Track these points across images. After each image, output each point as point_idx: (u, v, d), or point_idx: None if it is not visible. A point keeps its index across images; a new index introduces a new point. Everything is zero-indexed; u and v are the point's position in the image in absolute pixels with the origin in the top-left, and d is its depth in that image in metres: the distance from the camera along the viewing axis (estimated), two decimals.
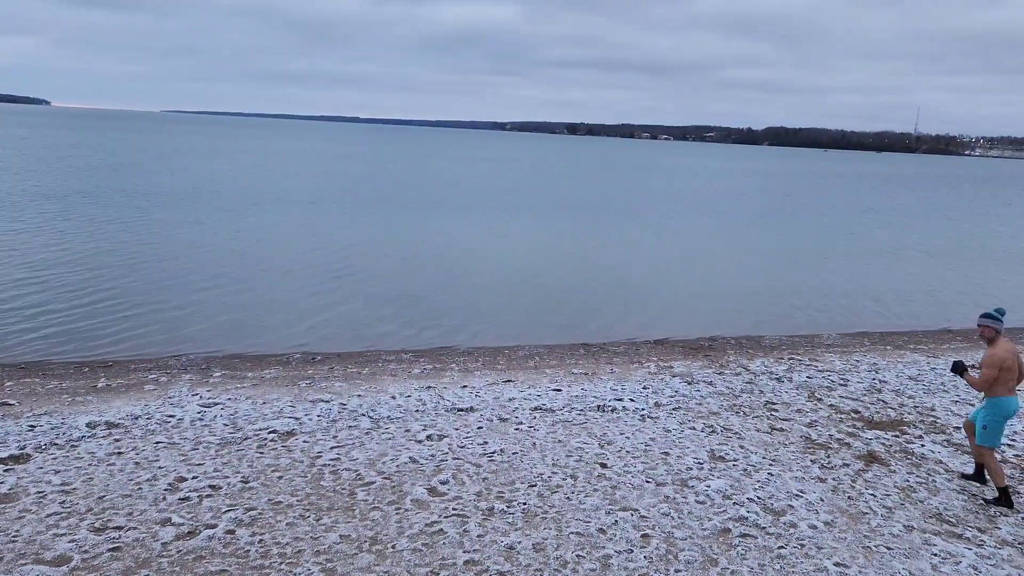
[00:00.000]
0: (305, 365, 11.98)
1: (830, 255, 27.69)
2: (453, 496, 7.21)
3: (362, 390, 10.48)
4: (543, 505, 7.10)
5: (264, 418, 9.07)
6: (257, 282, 17.95)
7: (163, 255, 20.36)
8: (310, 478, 7.47)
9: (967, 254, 30.04)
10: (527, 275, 20.96)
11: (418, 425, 9.07)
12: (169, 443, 8.18)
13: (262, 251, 21.93)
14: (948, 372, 12.59)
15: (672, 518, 6.97)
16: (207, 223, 26.46)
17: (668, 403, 10.34)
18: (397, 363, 12.28)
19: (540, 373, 11.85)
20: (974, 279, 24.18)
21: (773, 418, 9.91)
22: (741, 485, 7.72)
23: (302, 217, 29.77)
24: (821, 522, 7.03)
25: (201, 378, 10.88)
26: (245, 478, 7.37)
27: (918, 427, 9.81)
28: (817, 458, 8.58)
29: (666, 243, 28.58)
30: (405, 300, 17.11)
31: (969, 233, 37.78)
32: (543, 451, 8.41)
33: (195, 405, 9.46)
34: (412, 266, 21.27)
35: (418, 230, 28.28)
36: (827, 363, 13.05)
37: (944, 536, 6.90)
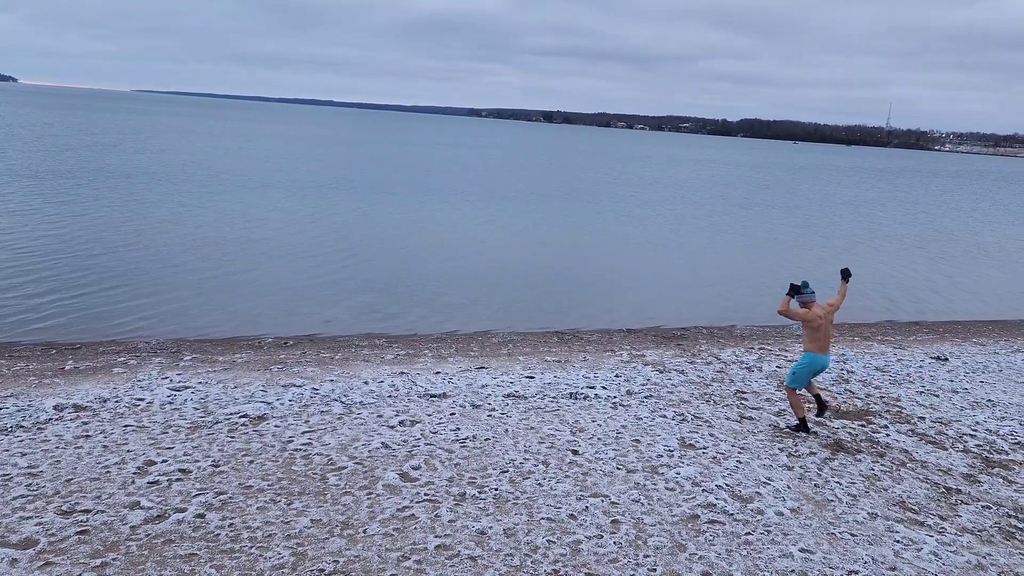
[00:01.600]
0: (277, 349, 11.90)
1: (802, 246, 28.00)
2: (425, 481, 7.22)
3: (335, 375, 10.44)
4: (514, 491, 7.14)
5: (235, 402, 9.01)
6: (230, 265, 17.78)
7: (135, 236, 20.08)
8: (281, 463, 7.44)
9: (937, 247, 30.54)
10: (502, 262, 20.97)
11: (391, 411, 9.06)
12: (138, 426, 8.10)
13: (235, 234, 21.71)
14: (913, 364, 12.84)
15: (642, 504, 7.05)
16: (181, 204, 26.12)
17: (640, 391, 10.42)
18: (370, 348, 12.25)
19: (513, 360, 11.88)
20: (943, 272, 24.60)
21: (743, 407, 10.04)
22: (710, 472, 7.83)
23: (276, 200, 29.47)
24: (788, 509, 7.15)
25: (171, 361, 10.76)
26: (215, 462, 7.32)
27: (884, 417, 10.00)
28: (785, 446, 8.71)
29: (640, 232, 28.72)
30: (379, 285, 17.05)
31: (939, 226, 38.39)
32: (515, 437, 8.45)
33: (165, 388, 9.37)
34: (386, 251, 21.19)
35: (393, 216, 28.14)
36: (796, 353, 13.22)
37: (907, 524, 7.05)
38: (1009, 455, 8.91)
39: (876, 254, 27.48)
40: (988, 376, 12.39)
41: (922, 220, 41.49)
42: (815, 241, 29.76)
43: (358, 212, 28.20)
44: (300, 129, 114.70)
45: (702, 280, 20.71)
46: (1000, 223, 43.24)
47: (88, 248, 18.13)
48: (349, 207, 29.33)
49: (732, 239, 28.69)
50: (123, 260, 17.25)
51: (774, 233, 31.36)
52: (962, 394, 11.26)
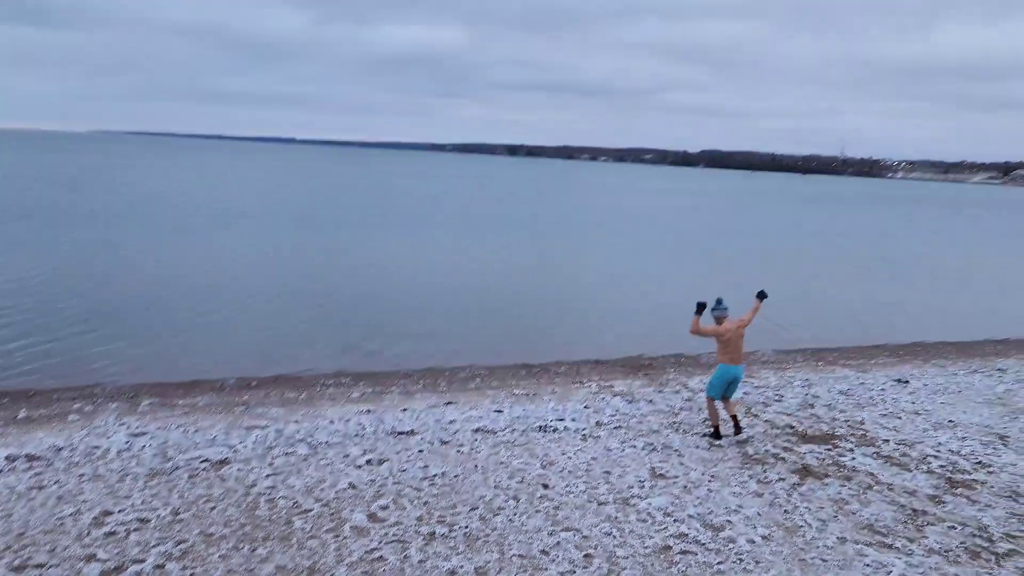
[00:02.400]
0: (240, 391, 11.68)
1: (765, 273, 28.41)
2: (393, 521, 7.09)
3: (299, 415, 10.26)
4: (485, 528, 7.04)
5: (196, 447, 8.80)
6: (190, 305, 17.48)
7: (92, 278, 19.70)
8: (244, 507, 7.25)
9: (895, 270, 31.17)
10: (468, 295, 20.93)
11: (357, 450, 8.91)
12: (94, 475, 7.86)
13: (195, 273, 21.40)
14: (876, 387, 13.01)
15: (614, 537, 6.98)
16: (141, 245, 25.72)
17: (609, 422, 10.39)
18: (336, 387, 12.08)
19: (482, 394, 11.80)
20: (904, 296, 25.06)
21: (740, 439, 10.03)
22: (681, 502, 7.80)
23: (237, 239, 29.16)
24: (759, 536, 7.14)
25: (129, 407, 10.50)
26: (175, 510, 7.12)
27: (849, 440, 10.08)
28: (754, 473, 8.72)
29: (606, 262, 28.92)
30: (344, 322, 16.88)
31: (897, 250, 39.23)
32: (485, 473, 8.35)
33: (122, 435, 9.11)
34: (350, 288, 21.04)
35: (356, 251, 28.02)
36: (762, 379, 13.33)
37: (876, 547, 7.08)
38: (971, 475, 9.02)
39: (837, 279, 27.96)
40: (948, 397, 12.59)
41: (880, 244, 42.38)
42: (778, 267, 30.20)
43: (320, 248, 28.02)
44: (262, 166, 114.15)
45: (669, 308, 20.83)
46: (954, 246, 44.35)
47: (43, 291, 17.72)
48: (311, 244, 29.13)
49: (698, 267, 29.00)
50: (80, 303, 16.88)
51: (739, 260, 31.78)
52: (924, 415, 11.41)
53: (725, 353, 9.63)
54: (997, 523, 7.69)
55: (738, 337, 9.63)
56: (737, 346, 9.61)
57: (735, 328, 9.63)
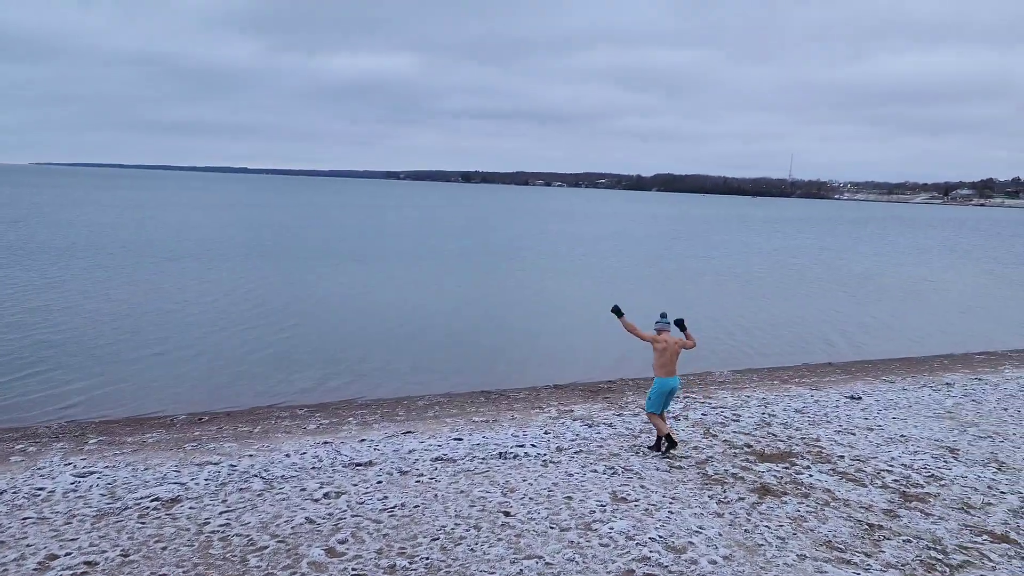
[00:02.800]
0: (191, 426, 11.39)
1: (720, 294, 28.81)
2: (353, 555, 6.94)
3: (254, 449, 10.04)
4: (446, 558, 6.93)
5: (146, 485, 8.53)
6: (137, 341, 17.05)
7: (35, 314, 19.10)
8: (197, 547, 7.03)
9: (844, 289, 31.88)
10: (424, 324, 20.80)
11: (314, 483, 8.74)
12: (39, 518, 7.55)
13: (143, 307, 20.90)
14: (830, 404, 13.23)
15: (577, 563, 6.93)
16: (86, 279, 25.07)
17: (570, 447, 10.37)
18: (291, 419, 11.86)
19: (440, 423, 11.69)
20: (851, 313, 25.63)
21: (671, 456, 10.08)
22: (643, 525, 7.79)
23: (186, 272, 28.60)
24: (720, 556, 7.15)
25: (75, 446, 10.16)
26: (125, 551, 6.87)
27: (806, 458, 10.21)
28: (714, 493, 8.77)
29: (561, 287, 29.05)
30: (298, 354, 16.62)
31: (845, 270, 40.16)
32: (445, 503, 8.25)
33: (68, 475, 8.80)
34: (303, 318, 20.75)
35: (310, 282, 27.70)
36: (720, 400, 13.46)
37: (834, 563, 7.15)
38: (924, 488, 9.20)
39: (789, 298, 28.50)
40: (899, 412, 12.86)
41: (828, 264, 43.34)
42: (732, 288, 30.66)
43: (273, 280, 27.62)
44: (211, 197, 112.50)
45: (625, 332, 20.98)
46: (900, 264, 45.58)
47: None
48: (262, 275, 28.71)
49: (653, 290, 29.29)
50: (22, 340, 16.35)
51: (693, 282, 32.20)
52: (877, 431, 11.63)
53: (661, 366, 9.98)
54: (950, 535, 7.84)
55: (675, 352, 10.01)
56: (672, 360, 10.00)
57: (674, 343, 10.01)
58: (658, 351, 9.98)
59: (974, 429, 11.88)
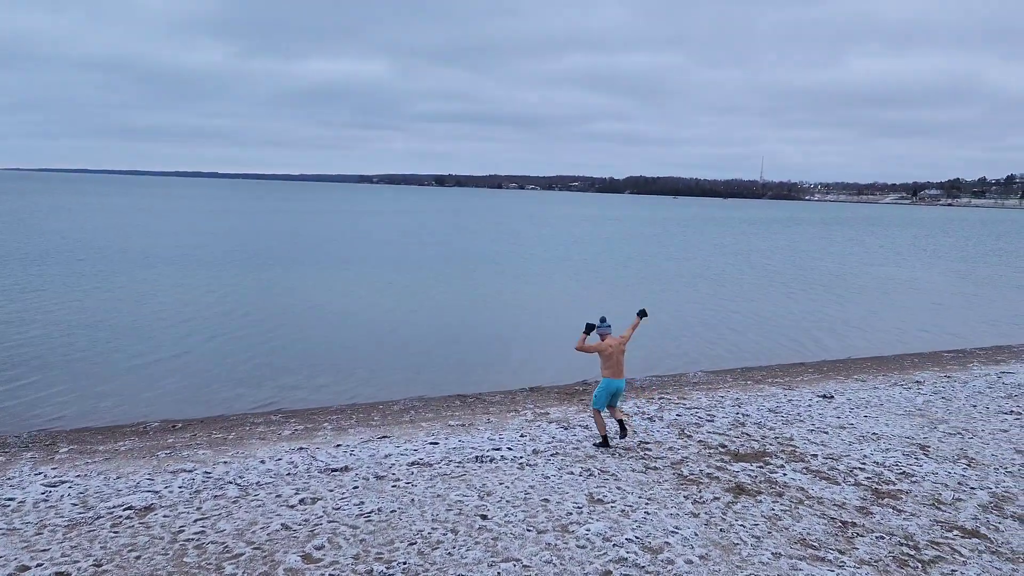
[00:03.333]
0: (164, 433, 11.25)
1: (692, 295, 29.03)
2: (330, 561, 6.90)
3: (228, 456, 9.94)
4: (424, 563, 6.92)
5: (118, 494, 8.42)
6: (108, 348, 16.82)
7: (2, 322, 18.75)
8: (172, 555, 6.95)
9: (815, 289, 32.27)
10: (398, 328, 20.73)
11: (290, 489, 8.67)
12: (8, 529, 7.42)
13: (113, 315, 20.62)
14: (803, 404, 13.39)
15: (554, 565, 6.95)
16: (56, 286, 24.67)
17: (546, 449, 10.39)
18: (266, 425, 11.76)
19: (416, 427, 11.66)
20: (823, 312, 25.94)
21: (647, 457, 10.15)
22: (620, 526, 7.83)
23: (157, 277, 28.27)
24: (696, 556, 7.21)
25: (45, 455, 9.99)
26: (98, 561, 6.77)
27: (779, 457, 10.32)
28: (690, 493, 8.83)
29: (536, 289, 29.10)
30: (271, 360, 16.49)
31: (817, 270, 40.64)
32: (422, 507, 8.23)
33: (38, 485, 8.66)
34: (277, 323, 20.59)
35: (282, 287, 27.49)
36: (694, 400, 13.56)
37: (809, 560, 7.23)
38: (896, 485, 9.34)
39: (762, 299, 28.78)
40: (871, 411, 13.04)
41: (799, 264, 43.86)
42: (704, 290, 30.91)
43: (245, 285, 27.38)
44: (183, 202, 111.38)
45: None
46: (870, 264, 46.23)
47: None
48: (235, 281, 28.45)
49: (627, 292, 29.44)
50: None
51: (668, 284, 32.41)
52: (849, 429, 11.78)
53: (608, 367, 10.32)
54: (922, 531, 7.97)
55: (619, 352, 10.34)
56: (619, 361, 10.31)
57: (617, 344, 10.36)
58: (604, 356, 10.32)
59: (944, 426, 12.08)
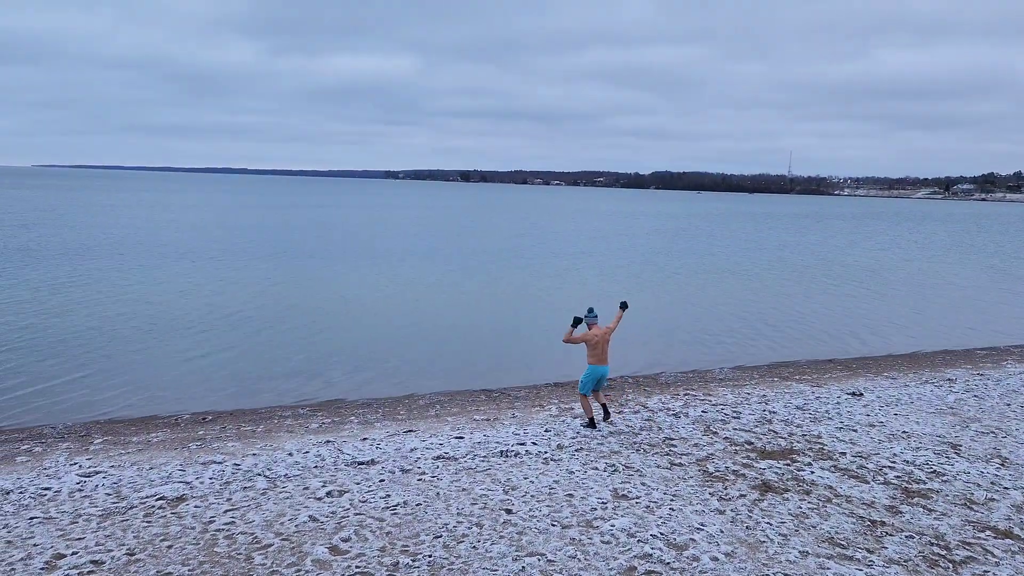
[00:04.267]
0: (195, 426, 11.43)
1: (719, 291, 28.83)
2: (356, 553, 6.98)
3: (257, 448, 10.08)
4: (449, 556, 6.97)
5: (151, 484, 8.57)
6: (142, 341, 17.10)
7: (38, 316, 19.14)
8: (203, 545, 7.07)
9: (847, 285, 31.87)
10: (425, 323, 20.84)
11: (317, 482, 8.77)
12: (45, 518, 7.60)
13: (146, 308, 20.96)
14: (831, 401, 13.26)
15: (579, 560, 6.97)
16: (92, 280, 25.14)
17: (570, 444, 10.41)
18: (294, 418, 11.90)
19: (442, 421, 11.73)
20: (854, 310, 25.63)
21: (672, 454, 10.12)
22: (644, 522, 7.82)
23: (190, 271, 28.69)
24: (722, 553, 7.18)
25: (80, 446, 10.20)
26: (131, 550, 6.91)
27: (807, 455, 10.24)
28: (715, 490, 8.80)
29: (564, 285, 29.06)
30: (300, 353, 16.66)
31: (847, 266, 40.12)
32: (447, 500, 8.28)
33: (74, 475, 8.84)
34: (306, 318, 20.79)
35: (312, 281, 27.74)
36: (720, 397, 13.49)
37: (836, 559, 7.18)
38: (927, 484, 9.23)
39: (791, 295, 28.50)
40: (901, 408, 12.88)
41: (831, 260, 43.33)
42: (732, 285, 30.68)
43: (275, 280, 27.67)
44: (213, 198, 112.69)
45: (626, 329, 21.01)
46: (902, 259, 45.55)
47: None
48: (265, 274, 28.77)
49: (655, 287, 29.32)
50: (28, 342, 16.40)
51: (693, 280, 32.21)
52: (879, 427, 11.66)
53: (593, 355, 10.97)
54: (953, 531, 7.87)
55: (604, 342, 11.00)
56: (603, 350, 11.00)
57: (602, 334, 11.02)
58: (591, 345, 10.97)
59: (976, 425, 11.91)
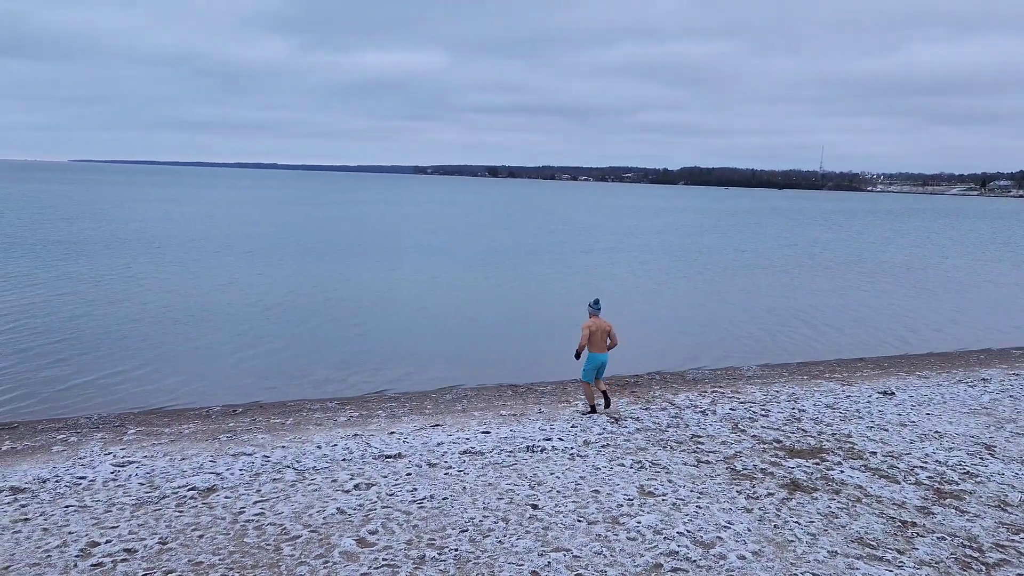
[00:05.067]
0: (226, 418, 11.59)
1: (749, 288, 28.58)
2: (383, 546, 7.04)
3: (286, 441, 10.20)
4: (475, 550, 7.00)
5: (183, 475, 8.72)
6: (175, 333, 17.37)
7: (74, 308, 19.52)
8: (233, 535, 7.18)
9: (880, 282, 31.43)
10: (452, 318, 20.91)
11: (345, 474, 8.86)
12: (80, 506, 7.76)
13: (180, 301, 21.27)
14: (862, 400, 13.10)
15: (605, 556, 6.97)
16: (127, 274, 25.56)
17: (597, 440, 10.40)
18: (322, 412, 12.02)
19: (468, 416, 11.77)
20: (886, 308, 25.27)
21: (699, 451, 10.07)
22: (671, 519, 7.80)
23: (219, 265, 29.05)
24: (749, 552, 7.14)
25: (114, 436, 10.39)
26: (163, 539, 7.04)
27: (837, 454, 10.13)
28: (743, 489, 8.74)
29: (593, 281, 28.99)
30: (329, 347, 16.82)
31: (880, 262, 39.57)
32: (473, 495, 8.32)
33: (108, 465, 9.02)
34: (335, 312, 20.97)
35: (342, 276, 27.95)
36: (748, 395, 13.38)
37: (866, 559, 7.10)
38: (959, 485, 9.09)
39: (820, 292, 28.17)
40: (934, 408, 12.69)
41: (861, 256, 42.74)
42: (762, 282, 30.39)
43: (304, 274, 27.94)
44: (243, 192, 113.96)
45: (653, 326, 20.94)
46: (936, 256, 44.80)
47: (27, 323, 17.56)
48: (299, 269, 29.06)
49: (682, 283, 29.15)
50: (64, 333, 16.73)
51: (724, 275, 31.95)
52: (910, 427, 11.50)
53: (593, 345, 11.65)
54: (987, 533, 7.75)
55: (603, 332, 11.70)
56: (602, 339, 11.69)
57: (602, 325, 11.74)
58: (591, 332, 11.64)
59: (1012, 426, 11.70)
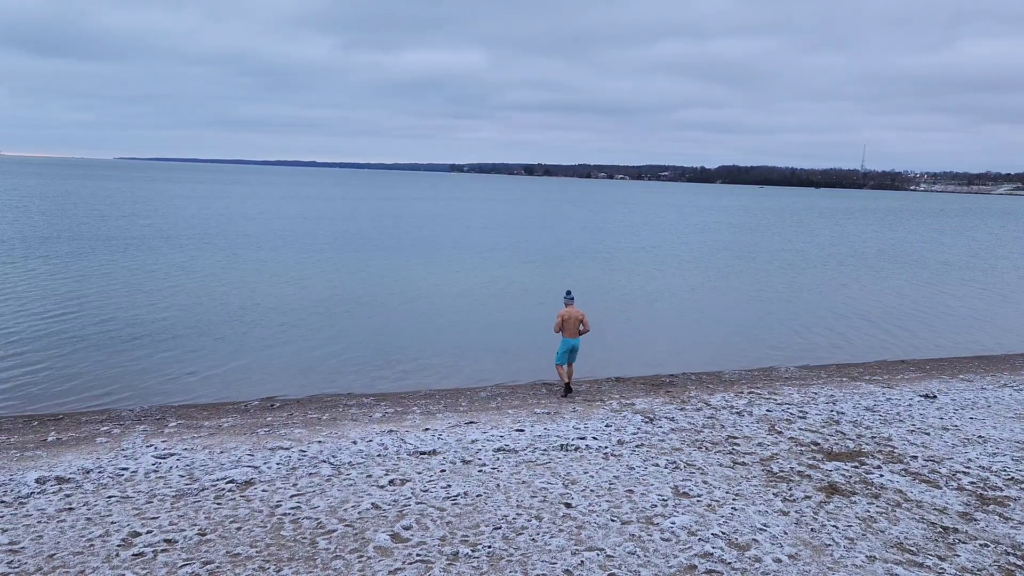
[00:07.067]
0: (264, 412, 11.77)
1: (790, 289, 28.21)
2: (417, 542, 7.09)
3: (322, 436, 10.32)
4: (508, 547, 7.02)
5: (221, 468, 8.87)
6: (214, 328, 17.67)
7: (118, 303, 19.96)
8: (270, 528, 7.29)
9: (923, 284, 30.81)
10: (489, 316, 20.96)
11: (380, 470, 8.94)
12: (122, 497, 7.94)
13: (218, 297, 21.63)
14: (903, 403, 12.86)
15: (638, 556, 6.94)
16: (168, 269, 26.07)
17: (631, 440, 10.35)
18: (358, 407, 12.14)
19: (503, 414, 11.80)
20: (929, 309, 24.76)
21: (735, 452, 9.97)
22: (705, 520, 7.74)
23: (259, 261, 29.49)
24: (785, 555, 7.06)
25: (156, 428, 10.61)
26: (202, 531, 7.17)
27: (876, 457, 9.96)
28: (779, 491, 8.63)
29: (626, 281, 28.85)
30: (366, 343, 16.97)
31: (922, 263, 38.78)
32: (507, 492, 8.34)
33: (149, 456, 9.21)
34: (372, 309, 21.15)
35: (380, 273, 28.18)
36: (785, 396, 13.21)
37: (905, 565, 6.97)
38: (1004, 491, 8.88)
39: (861, 293, 27.70)
40: (977, 412, 12.41)
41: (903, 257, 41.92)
42: (801, 282, 29.97)
43: (344, 271, 28.22)
44: (288, 189, 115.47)
45: (689, 325, 20.78)
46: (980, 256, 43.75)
47: (73, 316, 18.00)
48: (334, 266, 29.36)
49: (719, 283, 28.86)
50: (107, 327, 17.12)
51: (761, 275, 31.58)
52: (953, 431, 11.26)
53: (565, 330, 12.92)
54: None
55: (575, 320, 12.87)
56: (574, 326, 12.86)
57: (575, 314, 12.92)
58: (563, 319, 12.89)
59: None
